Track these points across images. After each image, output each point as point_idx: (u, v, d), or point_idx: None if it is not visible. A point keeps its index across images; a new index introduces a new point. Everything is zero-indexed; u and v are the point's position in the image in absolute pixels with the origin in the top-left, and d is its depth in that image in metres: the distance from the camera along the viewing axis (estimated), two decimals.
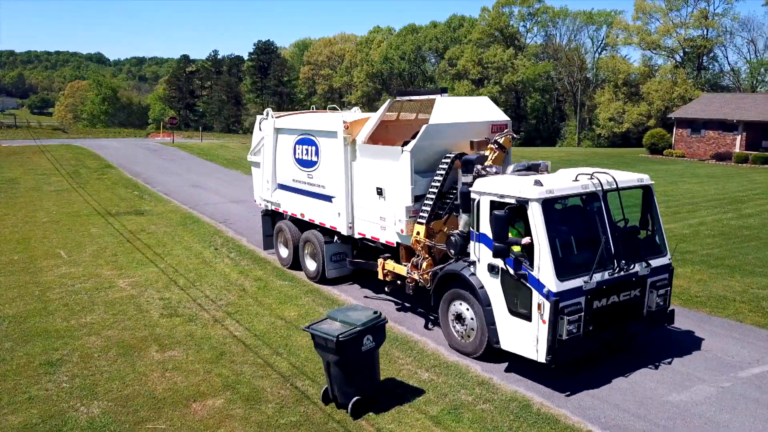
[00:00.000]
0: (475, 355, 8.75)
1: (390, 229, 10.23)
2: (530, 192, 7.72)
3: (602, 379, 8.19)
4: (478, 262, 8.44)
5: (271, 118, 13.37)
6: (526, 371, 8.42)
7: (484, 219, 8.28)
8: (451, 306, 9.08)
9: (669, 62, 67.41)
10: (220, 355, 9.24)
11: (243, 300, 11.73)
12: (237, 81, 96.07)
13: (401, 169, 9.75)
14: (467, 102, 11.34)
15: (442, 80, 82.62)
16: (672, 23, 65.14)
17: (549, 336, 7.48)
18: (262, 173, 13.90)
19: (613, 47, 75.90)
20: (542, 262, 7.50)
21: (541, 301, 7.49)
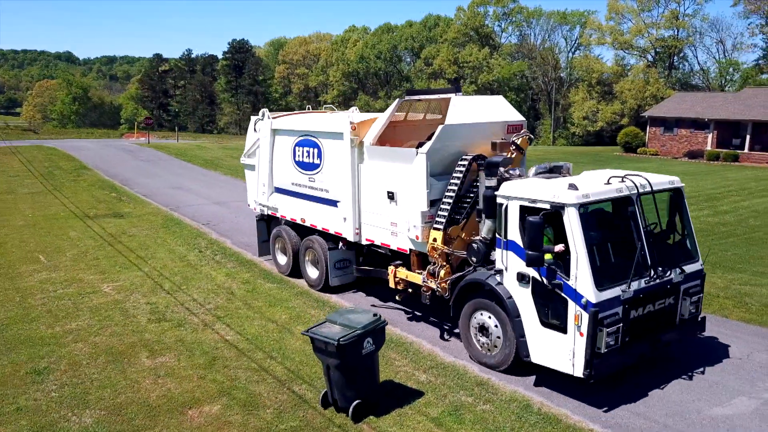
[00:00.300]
0: (501, 368, 8.30)
1: (402, 236, 9.76)
2: (566, 196, 7.25)
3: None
4: (505, 270, 7.96)
5: (268, 119, 12.78)
6: (521, 373, 8.46)
7: (513, 225, 7.82)
8: (473, 317, 8.61)
9: (641, 62, 68.59)
10: (212, 360, 9.09)
11: (232, 303, 11.56)
12: (211, 80, 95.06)
13: (416, 172, 9.23)
14: (482, 101, 10.74)
15: (418, 79, 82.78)
16: (644, 23, 66.28)
17: (587, 349, 7.03)
18: (258, 176, 13.34)
19: (586, 47, 76.92)
20: (580, 271, 7.06)
21: (579, 312, 7.05)
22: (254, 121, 13.37)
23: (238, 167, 31.98)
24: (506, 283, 7.99)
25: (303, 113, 13.90)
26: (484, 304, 8.39)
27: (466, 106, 9.85)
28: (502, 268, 8.03)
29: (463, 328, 8.83)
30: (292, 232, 12.68)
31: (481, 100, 10.88)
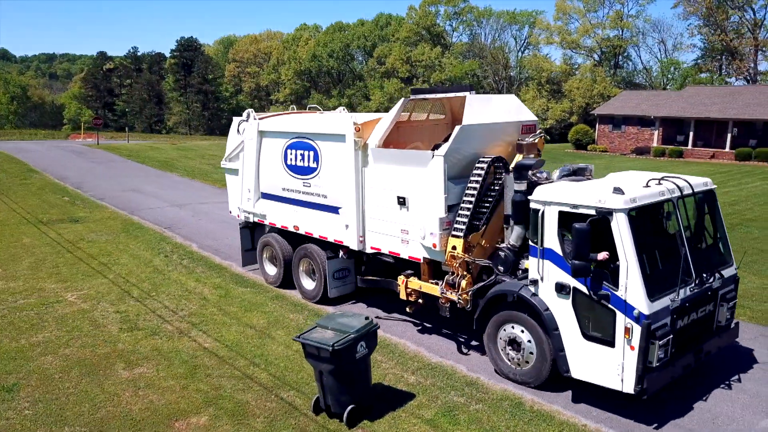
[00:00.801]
0: (534, 384, 7.86)
1: (415, 244, 9.16)
2: (614, 201, 6.81)
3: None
4: (541, 281, 7.47)
5: (254, 120, 12.02)
6: None
7: (550, 232, 7.34)
8: (501, 330, 8.10)
9: (588, 61, 70.49)
10: (193, 369, 8.82)
11: (206, 309, 11.27)
12: (159, 79, 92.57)
13: (432, 176, 8.62)
14: (497, 100, 10.15)
15: (371, 78, 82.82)
16: (590, 24, 68.18)
17: (638, 364, 6.66)
18: (242, 181, 12.56)
19: (535, 46, 78.64)
20: (630, 281, 6.65)
21: (630, 324, 6.64)
22: (237, 122, 12.62)
23: (195, 169, 31.32)
24: (542, 295, 7.50)
25: (292, 114, 13.27)
26: (516, 317, 7.89)
27: (482, 105, 9.40)
28: (537, 278, 7.52)
29: (490, 342, 8.30)
30: (283, 241, 11.96)
31: (495, 99, 10.26)
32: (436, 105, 11.36)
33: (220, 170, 14.52)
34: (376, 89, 79.39)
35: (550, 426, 7.09)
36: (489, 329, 8.26)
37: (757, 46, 64.11)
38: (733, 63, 65.07)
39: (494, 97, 10.07)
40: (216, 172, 29.91)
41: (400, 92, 76.38)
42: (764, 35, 63.96)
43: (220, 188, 25.85)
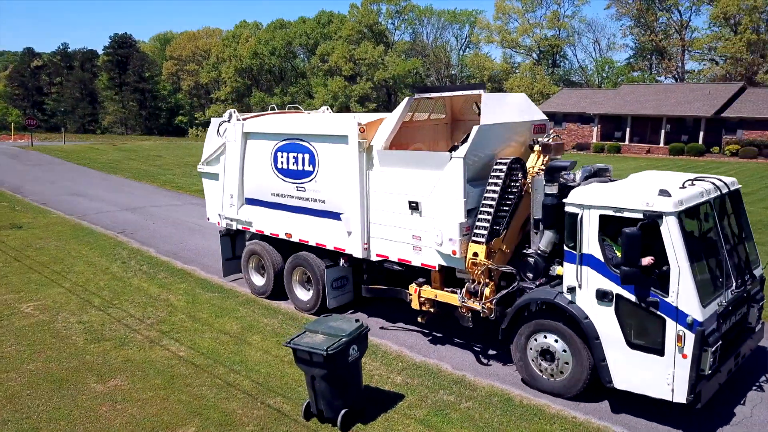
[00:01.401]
0: (570, 395, 7.55)
1: (429, 250, 8.66)
2: (663, 204, 6.54)
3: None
4: (579, 288, 7.15)
5: (237, 121, 11.35)
6: (493, 366, 8.69)
7: (590, 237, 7.04)
8: (532, 340, 7.75)
9: (528, 60, 72.39)
10: (171, 379, 8.53)
11: (174, 316, 10.91)
12: (92, 77, 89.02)
13: (450, 179, 8.16)
14: (508, 99, 9.70)
15: (314, 76, 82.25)
16: (529, 24, 70.00)
17: (691, 372, 6.42)
18: (223, 186, 11.86)
19: (476, 45, 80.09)
20: (683, 287, 6.40)
21: (682, 332, 6.40)
22: (217, 123, 11.90)
23: (141, 171, 30.27)
24: (580, 302, 7.18)
25: (278, 114, 12.65)
26: (550, 326, 7.56)
27: (496, 104, 9.05)
28: (574, 285, 7.18)
29: (519, 353, 7.94)
30: (273, 249, 11.34)
31: (508, 97, 9.78)
32: (437, 104, 10.95)
33: (169, 172, 13.99)
34: (319, 87, 78.91)
35: (542, 420, 7.24)
36: (518, 339, 7.88)
37: (683, 47, 67.42)
38: (662, 62, 68.23)
39: (507, 96, 9.67)
40: (165, 174, 29.04)
41: (344, 90, 76.29)
42: (690, 36, 67.36)
43: (171, 191, 25.17)
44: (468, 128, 10.73)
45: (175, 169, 31.55)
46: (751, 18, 59.06)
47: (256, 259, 11.79)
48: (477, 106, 10.47)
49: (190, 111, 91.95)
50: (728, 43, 59.53)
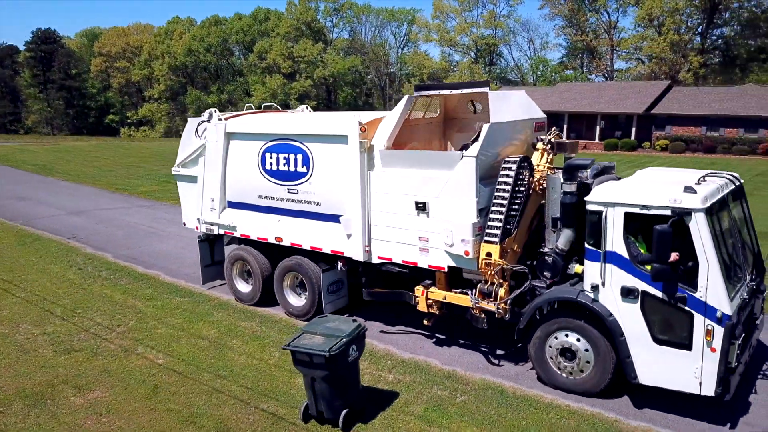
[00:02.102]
0: (592, 392, 7.58)
1: (437, 252, 8.50)
2: (691, 201, 6.60)
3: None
4: (602, 286, 7.18)
5: (219, 121, 10.87)
6: (482, 360, 8.87)
7: (615, 235, 7.06)
8: (551, 339, 7.76)
9: (466, 59, 73.74)
10: (155, 389, 8.25)
11: (145, 323, 10.54)
12: (12, 74, 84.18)
13: (461, 179, 8.05)
14: (512, 97, 9.52)
15: (252, 74, 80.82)
16: (466, 23, 71.28)
17: (720, 365, 6.56)
18: (203, 189, 11.35)
19: (414, 43, 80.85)
20: (711, 283, 6.51)
21: (711, 326, 6.53)
22: (195, 123, 11.37)
23: (80, 172, 28.94)
24: (603, 300, 7.21)
25: (262, 113, 12.11)
26: (570, 324, 7.56)
27: (502, 102, 8.87)
28: (597, 283, 7.22)
29: (537, 352, 7.92)
30: (259, 254, 10.92)
31: (511, 96, 9.61)
32: (434, 102, 10.69)
33: (110, 173, 13.41)
34: (257, 85, 77.61)
35: (537, 410, 7.45)
36: (536, 338, 7.86)
37: (612, 46, 70.39)
38: (593, 61, 71.01)
39: (511, 94, 9.60)
40: (106, 176, 27.91)
41: (283, 88, 75.39)
42: (618, 36, 70.41)
43: (117, 193, 24.24)
44: (462, 126, 10.89)
45: (117, 171, 30.35)
46: (674, 19, 62.34)
47: (241, 264, 11.32)
48: (473, 104, 10.50)
49: (121, 110, 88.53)
50: (653, 43, 62.58)
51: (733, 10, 65.41)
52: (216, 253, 12.19)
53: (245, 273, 11.39)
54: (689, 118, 43.13)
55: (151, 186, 25.71)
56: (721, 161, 36.45)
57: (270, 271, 10.89)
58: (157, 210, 20.61)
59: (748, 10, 65.19)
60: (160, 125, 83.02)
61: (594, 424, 7.07)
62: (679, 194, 6.71)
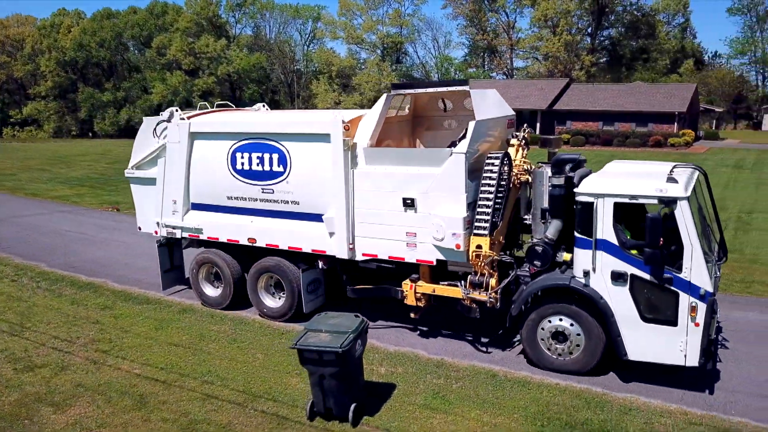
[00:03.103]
0: (582, 371, 8.08)
1: (425, 246, 8.67)
2: (676, 190, 7.20)
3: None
4: (593, 271, 7.66)
5: (182, 120, 10.47)
6: (466, 347, 9.24)
7: (605, 224, 7.53)
8: (544, 322, 8.18)
9: (373, 56, 74.47)
10: (141, 399, 7.93)
11: (108, 334, 10.03)
12: None
13: (451, 175, 8.29)
14: (488, 95, 9.68)
15: (150, 70, 77.17)
16: (372, 21, 71.99)
17: (703, 338, 7.21)
18: (163, 192, 10.92)
19: (320, 40, 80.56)
20: (695, 263, 7.12)
21: (695, 303, 7.15)
22: (153, 123, 10.92)
23: None
24: (594, 284, 7.70)
25: (227, 111, 11.65)
26: (562, 309, 8.03)
27: (482, 100, 9.06)
28: (588, 269, 7.70)
29: (529, 336, 8.33)
30: (229, 257, 10.66)
31: (487, 94, 9.75)
32: (406, 100, 10.71)
33: (13, 177, 12.64)
34: (156, 82, 74.25)
35: (531, 389, 7.90)
36: (528, 324, 8.27)
37: (511, 46, 73.80)
38: (494, 60, 74.08)
39: (487, 92, 9.78)
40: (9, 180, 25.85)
41: (185, 85, 72.66)
42: (516, 36, 73.92)
43: (28, 198, 22.66)
44: (430, 124, 11.10)
45: (20, 175, 28.15)
46: (567, 21, 66.36)
47: (208, 268, 10.99)
48: (443, 102, 10.74)
49: (2, 108, 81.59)
50: (548, 43, 66.32)
51: (617, 13, 70.65)
52: (175, 257, 11.79)
53: (213, 277, 11.09)
54: (587, 114, 46.16)
55: (63, 190, 24.15)
56: (619, 154, 39.32)
57: (240, 274, 10.67)
58: (80, 215, 19.46)
59: (630, 13, 70.71)
60: (49, 125, 77.48)
61: (585, 399, 7.62)
62: (664, 184, 7.33)
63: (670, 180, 7.41)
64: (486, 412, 7.42)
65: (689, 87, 48.32)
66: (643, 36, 70.44)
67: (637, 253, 7.47)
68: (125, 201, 22.89)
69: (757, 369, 8.31)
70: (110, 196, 24.05)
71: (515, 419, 7.24)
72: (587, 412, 7.33)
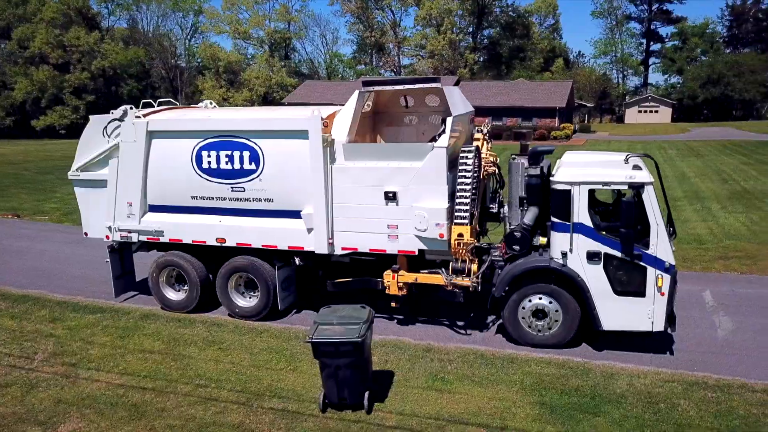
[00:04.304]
0: (560, 345, 8.79)
1: (407, 237, 9.00)
2: (643, 177, 8.09)
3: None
4: (570, 252, 8.36)
5: (138, 119, 10.03)
6: (448, 332, 9.71)
7: (581, 209, 8.25)
8: (524, 302, 8.81)
9: (261, 52, 73.14)
10: (136, 409, 7.62)
11: (67, 346, 9.43)
12: None
13: (432, 168, 8.67)
14: (454, 92, 10.07)
15: (11, 64, 70.38)
16: (259, 16, 70.66)
17: (668, 306, 8.16)
18: (116, 194, 10.41)
19: (202, 34, 77.77)
20: (660, 240, 8.04)
21: (661, 275, 8.03)
22: (103, 122, 10.34)
23: None
24: (571, 264, 8.40)
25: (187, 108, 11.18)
26: (543, 288, 8.69)
27: (454, 97, 9.56)
28: (566, 250, 8.38)
29: (511, 316, 8.91)
30: (195, 259, 10.36)
31: (454, 91, 10.12)
32: (370, 96, 10.71)
33: None
34: (19, 77, 67.96)
35: (519, 364, 8.50)
36: (510, 305, 8.86)
37: (398, 44, 75.59)
38: (382, 57, 75.47)
39: (453, 89, 10.14)
40: None
41: (53, 80, 67.17)
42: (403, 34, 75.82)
43: None
44: (391, 120, 11.34)
45: None
46: (450, 20, 69.15)
47: (168, 271, 10.62)
48: (405, 99, 11.02)
49: None
50: (434, 41, 68.74)
51: (495, 14, 74.72)
52: (126, 262, 11.24)
53: (175, 280, 10.73)
54: (478, 110, 48.30)
55: None
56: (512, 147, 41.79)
57: (206, 275, 10.42)
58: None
59: (507, 14, 75.06)
60: None
61: (570, 368, 8.35)
62: (632, 172, 8.23)
63: (635, 168, 8.34)
64: (486, 388, 7.93)
65: (566, 84, 52.30)
66: (519, 36, 75.05)
67: (608, 234, 8.31)
68: (24, 207, 21.13)
69: (711, 331, 9.53)
70: (4, 201, 22.01)
71: (515, 392, 7.81)
72: (576, 379, 8.06)
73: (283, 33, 71.38)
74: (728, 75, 66.06)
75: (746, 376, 8.05)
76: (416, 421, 7.25)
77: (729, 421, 7.04)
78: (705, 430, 6.90)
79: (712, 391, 7.69)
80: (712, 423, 7.01)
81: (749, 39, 77.60)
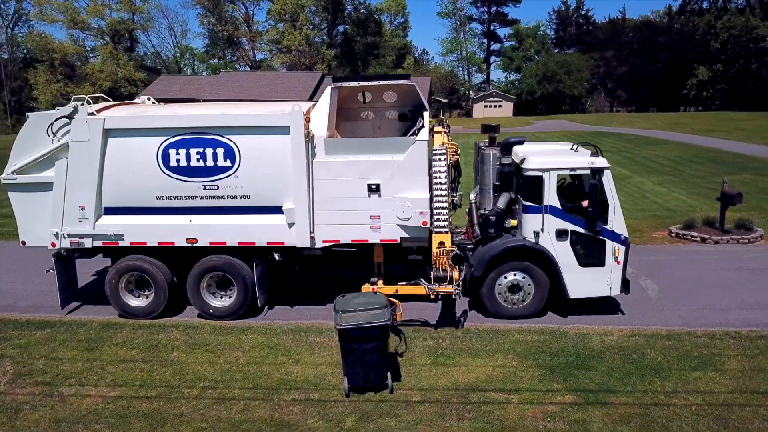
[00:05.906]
0: (533, 315, 9.78)
1: (389, 227, 9.44)
2: (601, 162, 9.28)
3: None
4: (542, 231, 9.39)
5: (91, 116, 9.36)
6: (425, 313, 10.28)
7: (551, 192, 9.29)
8: (500, 279, 9.68)
9: (102, 43, 67.61)
10: (152, 417, 7.29)
11: (31, 366, 8.64)
12: None
13: (415, 160, 9.19)
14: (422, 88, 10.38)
15: None
16: (99, 5, 65.28)
17: (623, 273, 9.45)
18: (64, 198, 9.61)
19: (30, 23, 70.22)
20: (617, 217, 9.32)
21: (617, 247, 9.32)
22: (47, 119, 9.51)
23: None
24: (543, 242, 9.45)
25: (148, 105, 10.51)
26: (518, 265, 9.63)
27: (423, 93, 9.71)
28: (537, 230, 9.42)
29: (489, 292, 9.75)
30: (159, 262, 9.93)
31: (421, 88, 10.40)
32: None
33: None
34: None
35: (504, 335, 9.32)
36: (488, 282, 9.70)
37: (252, 38, 74.04)
38: (236, 51, 73.46)
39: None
40: None
41: None
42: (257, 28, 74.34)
43: None
44: (348, 115, 11.57)
45: None
46: (304, 16, 69.15)
47: (128, 277, 10.06)
48: (363, 95, 11.25)
49: None
50: (290, 36, 68.32)
51: (348, 12, 76.02)
52: (70, 271, 10.45)
53: (136, 285, 10.18)
54: None
55: None
56: None
57: (172, 278, 10.03)
58: None
59: (358, 11, 76.72)
60: None
61: (549, 334, 9.36)
62: (592, 158, 9.47)
63: (594, 154, 9.62)
64: (486, 358, 8.65)
65: (425, 80, 54.79)
66: (372, 33, 77.07)
67: (573, 213, 9.44)
68: None
69: (643, 293, 11.05)
70: None
71: (513, 358, 8.63)
72: (558, 342, 9.08)
73: (128, 24, 66.55)
74: (560, 73, 73.55)
75: (687, 324, 9.61)
76: (439, 393, 7.75)
77: (689, 362, 8.44)
78: (676, 371, 8.21)
79: (667, 339, 9.11)
80: (678, 365, 8.36)
81: (573, 41, 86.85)
